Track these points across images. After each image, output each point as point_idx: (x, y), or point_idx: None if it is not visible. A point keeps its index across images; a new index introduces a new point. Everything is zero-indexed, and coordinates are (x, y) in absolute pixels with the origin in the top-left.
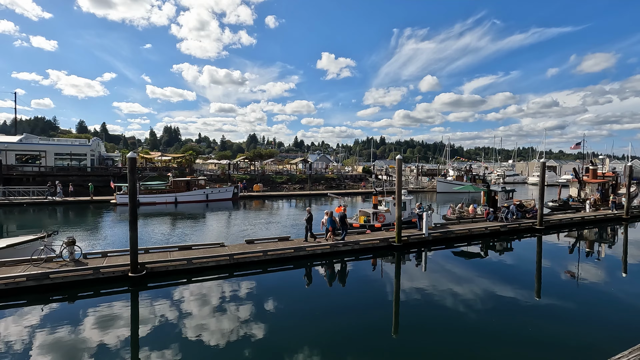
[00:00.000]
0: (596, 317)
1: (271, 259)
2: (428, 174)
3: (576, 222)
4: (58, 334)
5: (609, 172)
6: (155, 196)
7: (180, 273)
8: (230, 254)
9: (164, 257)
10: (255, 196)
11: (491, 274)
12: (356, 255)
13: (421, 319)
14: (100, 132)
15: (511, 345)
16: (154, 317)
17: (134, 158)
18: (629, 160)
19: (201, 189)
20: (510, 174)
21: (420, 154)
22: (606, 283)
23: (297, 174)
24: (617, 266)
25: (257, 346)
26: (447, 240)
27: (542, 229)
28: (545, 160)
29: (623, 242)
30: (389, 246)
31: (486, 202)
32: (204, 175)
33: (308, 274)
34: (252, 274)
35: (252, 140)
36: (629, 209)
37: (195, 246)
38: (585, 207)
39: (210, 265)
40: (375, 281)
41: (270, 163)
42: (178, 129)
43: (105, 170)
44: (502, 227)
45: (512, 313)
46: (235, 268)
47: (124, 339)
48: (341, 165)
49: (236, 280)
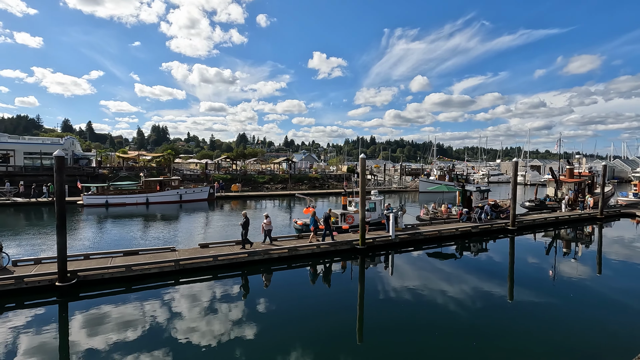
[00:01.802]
0: (568, 318)
1: (223, 265)
2: (412, 174)
3: (550, 222)
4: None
5: (585, 171)
6: (126, 197)
7: (118, 281)
8: (176, 260)
9: (104, 264)
10: (233, 196)
11: (460, 276)
12: (317, 260)
13: (386, 325)
14: (86, 131)
15: (480, 350)
16: (81, 332)
17: (62, 157)
18: (611, 160)
19: (174, 189)
20: (494, 173)
21: (410, 153)
22: (579, 284)
23: (280, 174)
24: (590, 266)
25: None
26: (416, 243)
27: (515, 229)
28: (517, 159)
29: (597, 242)
30: (352, 249)
31: (461, 202)
32: (184, 175)
33: (263, 280)
34: (200, 280)
35: (242, 140)
36: (603, 209)
37: (143, 251)
38: (561, 207)
39: (153, 273)
40: (338, 287)
41: (252, 162)
42: (166, 128)
43: (78, 170)
44: (474, 228)
45: (482, 316)
46: (182, 275)
47: (44, 357)
48: (326, 164)
49: (182, 288)
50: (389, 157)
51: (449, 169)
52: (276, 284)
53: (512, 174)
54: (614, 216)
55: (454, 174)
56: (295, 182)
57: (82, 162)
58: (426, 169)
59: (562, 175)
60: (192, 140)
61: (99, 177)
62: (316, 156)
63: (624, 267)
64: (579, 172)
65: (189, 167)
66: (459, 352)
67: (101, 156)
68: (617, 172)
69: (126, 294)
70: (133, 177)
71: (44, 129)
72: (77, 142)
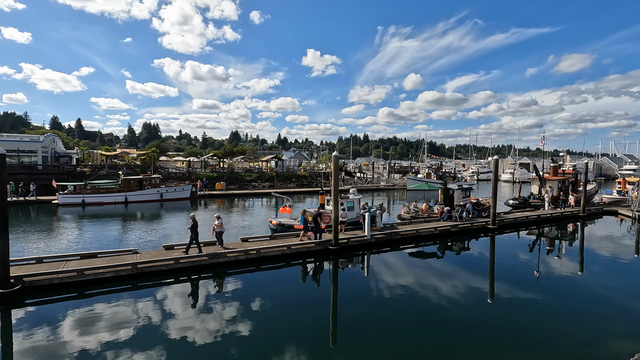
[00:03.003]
0: (550, 317)
1: (186, 268)
2: (400, 171)
3: (532, 220)
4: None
5: (569, 169)
6: (104, 196)
7: (69, 286)
8: (134, 263)
9: (57, 268)
10: (217, 195)
11: (438, 276)
12: (288, 261)
13: (360, 326)
14: (75, 128)
15: (458, 350)
16: (24, 341)
17: (3, 154)
18: (599, 158)
19: (155, 187)
20: (484, 170)
21: (403, 151)
22: (559, 282)
23: (268, 172)
24: (570, 264)
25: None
26: (393, 242)
27: (496, 228)
28: (497, 157)
29: (579, 240)
30: (325, 250)
31: (443, 200)
32: (169, 173)
33: (229, 284)
34: (160, 284)
35: (235, 137)
36: (585, 207)
37: (102, 254)
38: (544, 205)
39: (108, 277)
40: (310, 289)
41: (240, 160)
42: (158, 125)
43: (58, 168)
44: (453, 227)
45: (460, 317)
46: (140, 279)
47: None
48: (315, 162)
49: (138, 293)
50: (381, 155)
51: (436, 166)
52: (244, 287)
53: (493, 172)
54: (596, 214)
55: (441, 171)
56: (283, 180)
57: (63, 160)
58: (414, 166)
59: (547, 172)
60: (184, 137)
61: (79, 176)
62: (308, 154)
63: (605, 265)
64: (563, 170)
65: (176, 165)
66: (436, 353)
67: (83, 154)
68: (604, 169)
69: (77, 299)
70: (112, 176)
71: (32, 126)
72: (58, 140)
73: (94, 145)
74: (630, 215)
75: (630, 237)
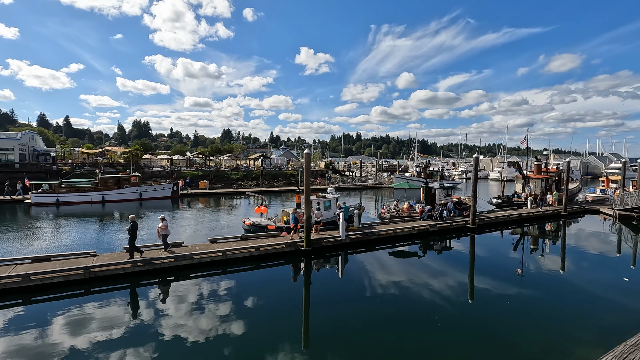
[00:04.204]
0: (529, 317)
1: (144, 271)
2: (388, 170)
3: (513, 219)
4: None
5: (552, 167)
6: (79, 195)
7: (15, 292)
8: (86, 267)
9: (3, 272)
10: (200, 194)
11: (415, 278)
12: (257, 263)
13: (334, 330)
14: (63, 126)
15: (434, 354)
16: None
17: None
18: (586, 156)
19: (134, 186)
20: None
21: (395, 149)
22: (539, 282)
23: (255, 170)
24: (551, 264)
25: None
26: (368, 243)
27: (475, 228)
28: (477, 156)
29: (561, 238)
30: (297, 251)
31: (424, 199)
32: (153, 172)
33: (192, 288)
34: (114, 289)
35: (227, 136)
36: (567, 205)
37: (56, 257)
38: (527, 204)
39: (57, 282)
40: (280, 292)
41: (226, 159)
42: (148, 123)
43: (36, 166)
44: (432, 227)
45: (438, 319)
46: (94, 283)
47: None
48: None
49: (90, 299)
50: (372, 154)
51: (424, 165)
52: (207, 291)
53: (473, 171)
54: (578, 212)
55: (429, 170)
56: (270, 178)
57: (42, 158)
58: (402, 165)
59: (530, 171)
60: (175, 135)
61: (56, 174)
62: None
63: (585, 263)
64: (547, 169)
65: (161, 164)
66: (413, 355)
67: (64, 152)
68: (590, 168)
69: (23, 305)
70: (89, 174)
71: (18, 123)
72: (38, 137)
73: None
74: (612, 214)
75: (611, 235)
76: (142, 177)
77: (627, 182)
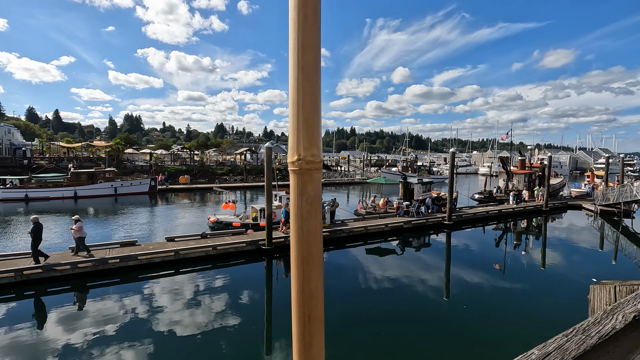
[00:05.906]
0: (505, 313)
1: (86, 273)
2: (377, 165)
3: (492, 215)
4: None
5: (536, 162)
6: (50, 190)
7: None
8: (18, 269)
9: None
10: (179, 189)
11: (387, 276)
12: (214, 263)
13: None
14: (53, 120)
15: (408, 353)
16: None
17: None
18: (576, 152)
19: (109, 181)
20: (462, 164)
21: (389, 144)
22: (516, 278)
23: (241, 165)
24: (529, 260)
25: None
26: (337, 241)
27: (452, 224)
28: (454, 149)
29: (543, 235)
30: (258, 250)
31: (402, 194)
32: (134, 167)
33: (141, 291)
34: (50, 293)
35: (220, 130)
36: (548, 201)
37: None
38: (509, 199)
39: None
40: (238, 294)
41: (211, 153)
42: (140, 117)
43: (10, 160)
44: (406, 223)
45: (414, 317)
46: (27, 286)
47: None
48: None
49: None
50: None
51: (411, 160)
52: (159, 294)
53: (449, 166)
54: (560, 208)
55: (417, 165)
56: (256, 173)
57: (19, 152)
58: (389, 160)
59: (515, 166)
60: (167, 130)
61: (29, 169)
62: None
63: (564, 259)
64: (530, 164)
65: (145, 158)
66: (385, 354)
67: (42, 145)
68: (580, 163)
69: None
70: (62, 169)
71: (6, 117)
72: (15, 131)
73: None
74: (593, 210)
75: (591, 231)
76: (124, 172)
77: (613, 177)
